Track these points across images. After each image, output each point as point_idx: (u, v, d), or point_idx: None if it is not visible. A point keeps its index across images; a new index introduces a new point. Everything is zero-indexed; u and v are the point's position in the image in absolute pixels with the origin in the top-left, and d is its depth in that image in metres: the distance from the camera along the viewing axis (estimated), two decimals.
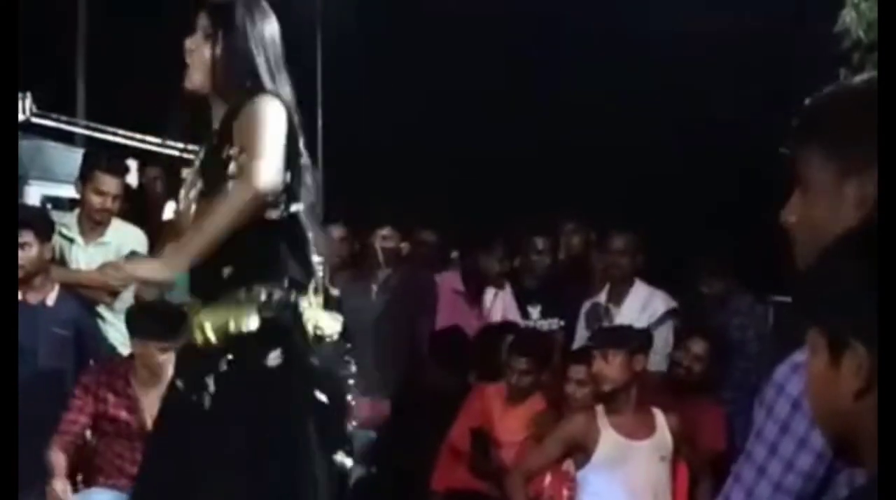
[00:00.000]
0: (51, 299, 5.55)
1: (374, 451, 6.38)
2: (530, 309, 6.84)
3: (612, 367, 5.15)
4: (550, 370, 6.00)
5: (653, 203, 10.69)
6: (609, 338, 5.37)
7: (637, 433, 5.20)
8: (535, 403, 5.87)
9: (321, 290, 3.64)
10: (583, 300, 6.62)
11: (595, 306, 6.52)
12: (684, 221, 10.32)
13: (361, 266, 7.00)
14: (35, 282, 5.49)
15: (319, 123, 12.05)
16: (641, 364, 5.22)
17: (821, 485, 1.78)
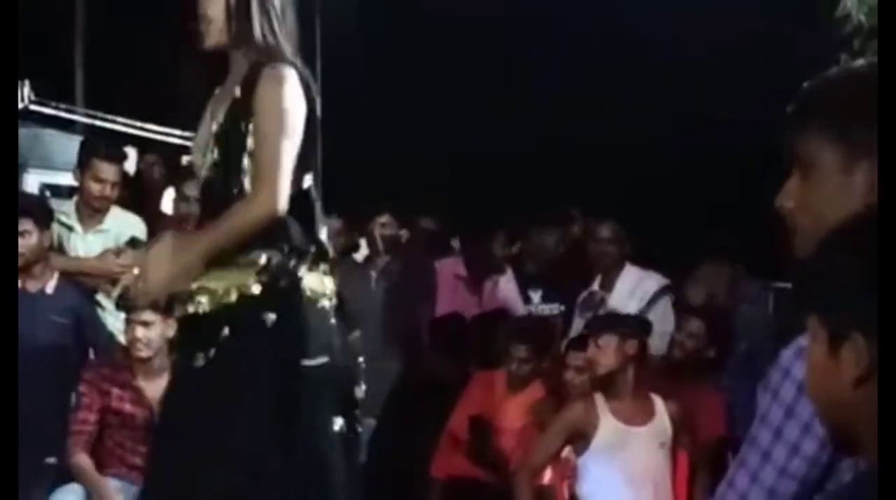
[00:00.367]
0: (50, 287, 5.53)
1: (374, 438, 6.37)
2: (531, 294, 6.86)
3: (604, 352, 5.17)
4: (550, 358, 6.00)
5: (653, 197, 10.70)
6: (601, 323, 5.39)
7: (636, 419, 5.20)
8: (535, 390, 5.87)
9: (325, 256, 3.64)
10: (582, 286, 6.65)
11: (591, 294, 6.54)
12: (686, 213, 10.33)
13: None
14: (34, 270, 5.48)
15: (318, 118, 12.01)
16: (634, 349, 5.21)
17: (825, 470, 1.77)
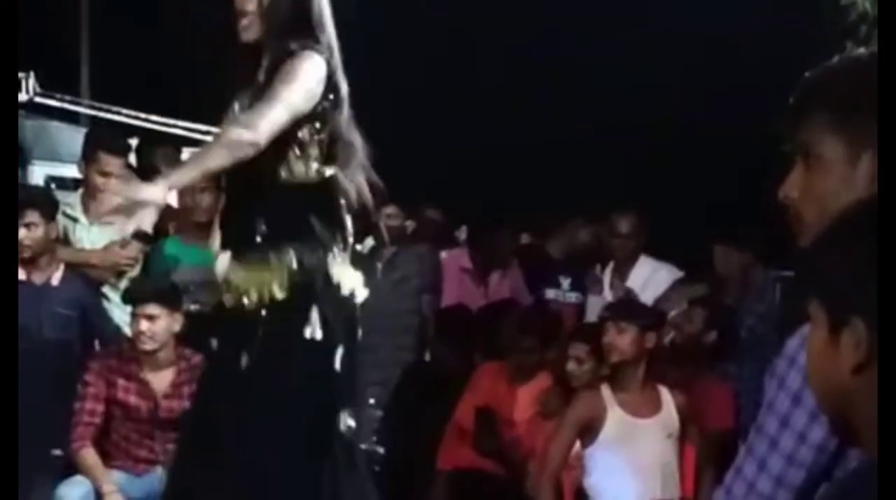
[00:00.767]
0: (56, 279, 5.54)
1: (380, 430, 6.38)
2: (561, 279, 6.97)
3: (623, 339, 5.16)
4: (557, 348, 5.99)
5: (661, 188, 10.70)
6: (623, 311, 5.39)
7: (643, 410, 5.19)
8: (541, 381, 5.87)
9: (349, 248, 3.67)
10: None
11: (591, 274, 6.74)
12: (692, 204, 10.34)
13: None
14: (40, 262, 5.48)
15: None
16: (652, 342, 5.22)
17: (833, 458, 1.77)
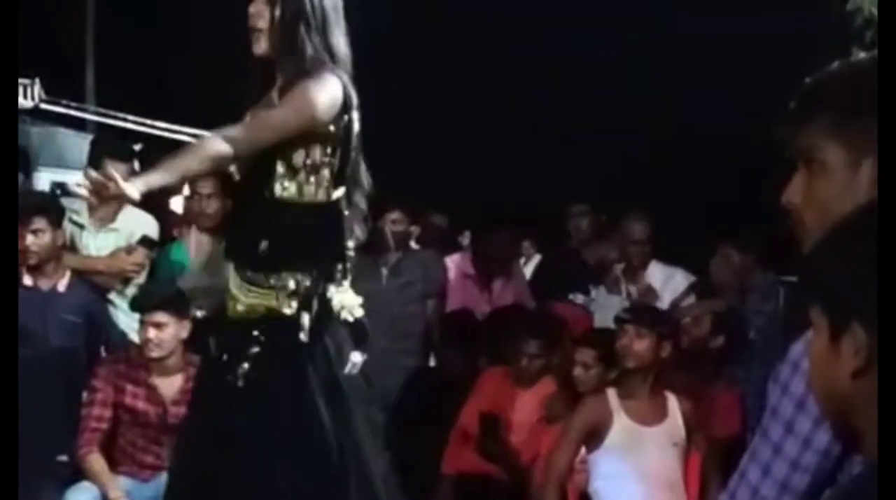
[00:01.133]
0: (62, 286, 5.55)
1: (385, 434, 6.37)
2: (591, 287, 6.97)
3: (641, 344, 5.14)
4: (561, 353, 6.00)
5: (663, 192, 10.70)
6: (646, 316, 5.35)
7: (649, 418, 5.18)
8: (546, 385, 5.87)
9: (348, 274, 3.71)
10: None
11: (611, 275, 6.74)
12: (695, 208, 10.34)
13: (371, 250, 6.99)
14: (47, 268, 5.49)
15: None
16: (667, 352, 5.21)
17: (838, 463, 1.77)
